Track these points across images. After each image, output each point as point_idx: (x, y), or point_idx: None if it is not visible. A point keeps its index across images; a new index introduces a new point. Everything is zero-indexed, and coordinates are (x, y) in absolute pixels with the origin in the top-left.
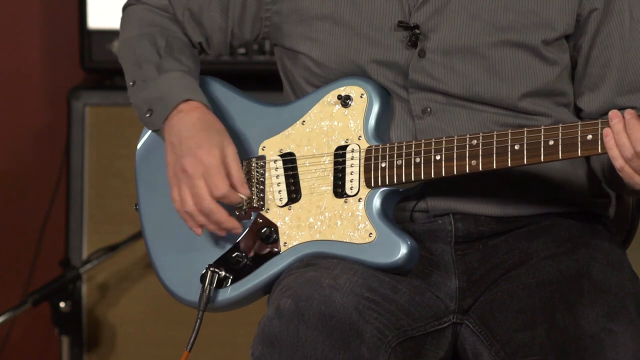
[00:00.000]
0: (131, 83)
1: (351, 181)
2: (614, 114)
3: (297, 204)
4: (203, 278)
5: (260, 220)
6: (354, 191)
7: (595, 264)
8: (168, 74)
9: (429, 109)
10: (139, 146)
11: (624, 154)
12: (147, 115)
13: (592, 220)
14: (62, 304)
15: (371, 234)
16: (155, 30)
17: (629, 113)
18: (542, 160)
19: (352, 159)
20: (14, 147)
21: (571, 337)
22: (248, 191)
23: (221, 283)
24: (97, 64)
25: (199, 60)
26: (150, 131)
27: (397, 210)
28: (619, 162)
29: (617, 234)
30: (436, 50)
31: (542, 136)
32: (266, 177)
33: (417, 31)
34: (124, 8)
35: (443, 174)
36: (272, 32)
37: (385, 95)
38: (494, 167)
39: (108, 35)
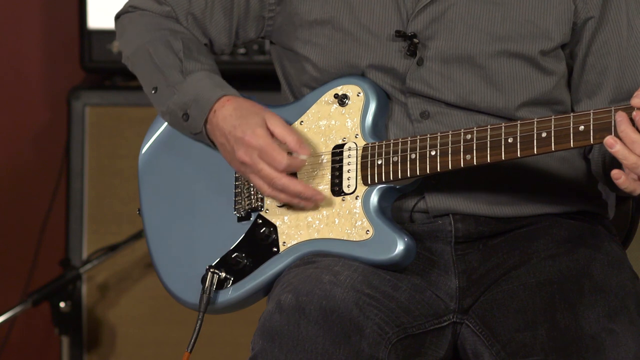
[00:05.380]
0: (153, 90)
1: (348, 179)
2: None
3: None
4: (204, 280)
5: (260, 221)
6: (352, 189)
7: (595, 264)
8: (194, 75)
9: (427, 112)
10: (142, 152)
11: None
12: (184, 119)
13: (592, 221)
14: (62, 304)
15: (368, 230)
16: (166, 33)
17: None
18: (535, 152)
19: (349, 157)
20: (14, 147)
21: (572, 337)
22: (308, 150)
23: (222, 284)
24: (97, 64)
25: (213, 57)
26: (154, 137)
27: (396, 211)
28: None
29: (616, 234)
30: (434, 59)
31: (535, 128)
32: None
33: (416, 40)
34: (118, 16)
35: (438, 169)
36: (274, 32)
37: (382, 94)
38: (488, 160)
39: (108, 35)
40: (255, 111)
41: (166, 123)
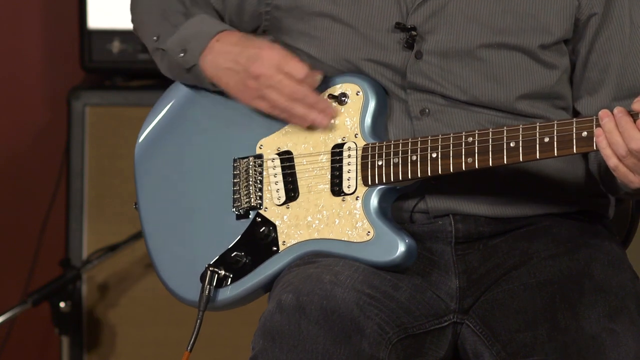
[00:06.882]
0: (155, 38)
1: (348, 179)
2: (604, 113)
3: (295, 202)
4: (203, 277)
5: (259, 220)
6: (352, 189)
7: (596, 264)
8: (197, 16)
9: (427, 110)
10: (137, 144)
11: (617, 152)
12: (181, 55)
13: (592, 221)
14: (62, 304)
15: (369, 232)
16: None
17: (619, 110)
18: (537, 157)
19: (349, 157)
20: (14, 147)
21: (572, 337)
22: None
23: (221, 282)
24: (97, 64)
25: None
26: (149, 129)
27: (397, 212)
28: (612, 161)
29: (616, 234)
30: (433, 53)
31: (538, 133)
32: (264, 175)
33: (414, 33)
34: None
35: (439, 172)
36: (271, 27)
37: (382, 93)
38: (490, 164)
39: (108, 35)
40: (262, 40)
41: (162, 114)
